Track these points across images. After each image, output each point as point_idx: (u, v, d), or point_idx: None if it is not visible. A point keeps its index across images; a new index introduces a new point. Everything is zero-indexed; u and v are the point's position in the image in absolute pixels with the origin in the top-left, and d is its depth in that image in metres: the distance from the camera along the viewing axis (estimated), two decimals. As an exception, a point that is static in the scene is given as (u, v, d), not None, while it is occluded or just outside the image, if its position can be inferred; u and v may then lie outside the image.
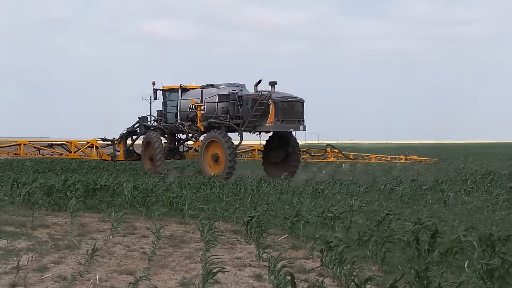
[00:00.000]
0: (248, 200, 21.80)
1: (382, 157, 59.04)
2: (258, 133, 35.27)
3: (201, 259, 12.49)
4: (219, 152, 33.98)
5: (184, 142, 39.24)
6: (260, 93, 34.19)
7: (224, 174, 32.72)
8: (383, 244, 12.92)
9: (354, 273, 10.73)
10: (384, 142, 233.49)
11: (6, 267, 12.12)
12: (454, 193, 24.38)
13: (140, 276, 10.52)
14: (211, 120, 34.96)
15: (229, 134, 34.41)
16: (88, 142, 41.68)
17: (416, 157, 61.84)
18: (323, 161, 54.07)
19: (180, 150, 39.65)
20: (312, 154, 52.25)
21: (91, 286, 10.96)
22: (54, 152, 41.43)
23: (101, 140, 41.57)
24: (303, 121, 34.72)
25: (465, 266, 11.13)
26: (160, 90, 38.22)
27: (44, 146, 42.12)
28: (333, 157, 52.63)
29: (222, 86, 36.23)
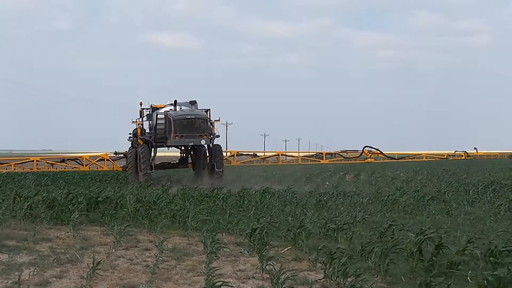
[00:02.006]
0: (252, 212, 21.79)
1: (436, 155, 58.14)
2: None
3: (204, 272, 12.45)
4: None
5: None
6: (156, 112, 40.44)
7: (142, 179, 38.25)
8: (386, 255, 12.88)
9: (358, 284, 10.69)
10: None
11: (7, 281, 12.07)
12: (457, 204, 24.34)
13: (143, 290, 10.49)
14: (140, 136, 40.73)
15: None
16: (99, 156, 48.19)
17: (482, 153, 60.46)
18: (360, 162, 53.90)
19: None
20: (347, 155, 52.87)
21: (94, 299, 10.93)
22: (67, 166, 46.62)
23: (113, 153, 47.19)
24: (206, 135, 39.69)
25: (468, 277, 11.09)
26: (146, 109, 42.73)
27: (57, 161, 49.30)
28: (372, 158, 52.65)
29: (168, 105, 41.33)
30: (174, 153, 44.84)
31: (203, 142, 39.82)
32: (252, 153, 55.11)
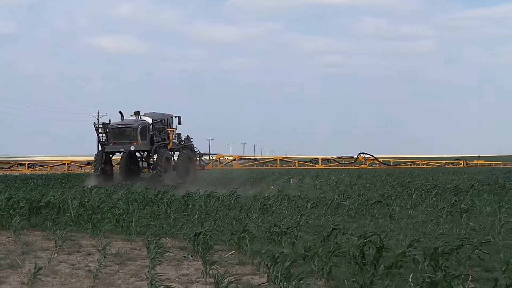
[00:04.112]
0: (196, 216, 21.74)
1: (433, 162, 58.80)
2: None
3: (147, 277, 12.38)
4: None
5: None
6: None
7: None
8: (329, 259, 12.96)
9: (301, 288, 10.74)
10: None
11: None
12: (400, 208, 24.62)
13: (85, 295, 10.39)
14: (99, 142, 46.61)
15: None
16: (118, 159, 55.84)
17: (483, 161, 61.70)
18: (355, 168, 54.77)
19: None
20: (343, 162, 54.81)
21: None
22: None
23: None
24: (135, 142, 44.62)
25: (409, 279, 11.23)
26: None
27: (85, 164, 65.56)
28: (365, 164, 53.68)
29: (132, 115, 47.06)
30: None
31: (132, 148, 44.95)
32: (253, 157, 64.08)
